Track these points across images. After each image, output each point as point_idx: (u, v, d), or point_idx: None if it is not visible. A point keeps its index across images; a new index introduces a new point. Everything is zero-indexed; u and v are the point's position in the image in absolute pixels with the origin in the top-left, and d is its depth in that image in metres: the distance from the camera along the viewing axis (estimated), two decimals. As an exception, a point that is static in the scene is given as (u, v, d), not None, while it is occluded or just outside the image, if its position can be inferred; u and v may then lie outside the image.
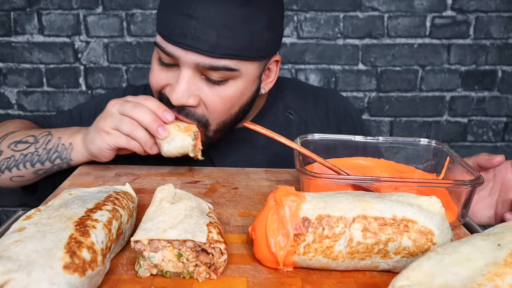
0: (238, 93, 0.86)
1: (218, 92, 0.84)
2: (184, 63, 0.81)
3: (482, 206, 0.80)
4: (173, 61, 0.83)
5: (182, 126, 0.83)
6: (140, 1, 1.69)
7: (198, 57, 0.80)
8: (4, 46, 1.73)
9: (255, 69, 0.87)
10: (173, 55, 0.81)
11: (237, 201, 0.74)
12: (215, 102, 0.85)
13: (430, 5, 1.70)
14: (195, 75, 0.83)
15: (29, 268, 0.42)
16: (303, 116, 1.08)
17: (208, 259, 0.51)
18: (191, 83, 0.83)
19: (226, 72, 0.82)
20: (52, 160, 0.88)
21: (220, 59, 0.80)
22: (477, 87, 1.79)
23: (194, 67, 0.81)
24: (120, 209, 0.57)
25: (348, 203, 0.53)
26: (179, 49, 0.80)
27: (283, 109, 1.07)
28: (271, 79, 0.96)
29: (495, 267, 0.41)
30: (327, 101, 1.12)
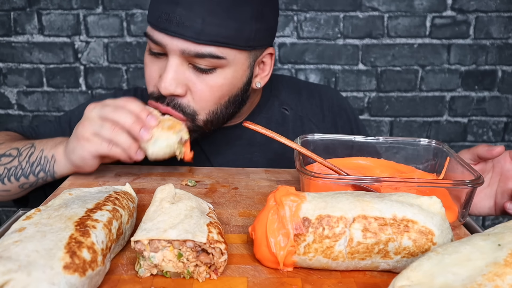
0: (227, 82, 0.86)
1: (206, 81, 0.84)
2: (171, 51, 0.81)
3: (482, 196, 0.80)
4: (161, 49, 0.83)
5: (166, 125, 0.79)
6: (140, 1, 1.69)
7: (183, 44, 0.80)
8: (4, 46, 1.73)
9: (244, 59, 0.86)
10: (160, 43, 0.81)
11: (237, 201, 0.74)
12: (202, 90, 0.84)
13: (430, 5, 1.70)
14: (182, 63, 0.83)
15: (29, 268, 0.42)
16: (298, 112, 1.08)
17: (208, 259, 0.51)
18: (179, 72, 0.83)
19: (212, 59, 0.81)
20: (35, 174, 0.84)
21: (205, 46, 0.80)
22: (477, 87, 1.79)
23: (181, 55, 0.81)
24: (120, 209, 0.57)
25: (348, 203, 0.53)
26: (165, 36, 0.80)
27: (278, 105, 1.07)
28: (266, 73, 0.95)
29: (495, 267, 0.41)
30: (322, 96, 1.12)
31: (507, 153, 0.79)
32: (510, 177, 0.77)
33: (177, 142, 0.78)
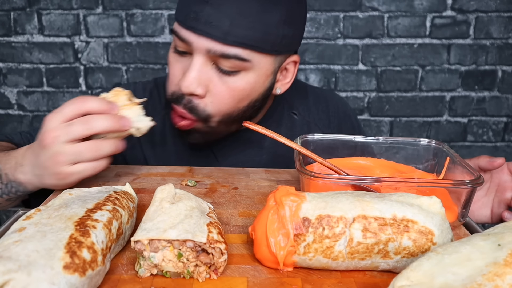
0: (249, 87, 0.85)
1: (228, 83, 0.83)
2: (196, 49, 0.80)
3: (479, 205, 0.83)
4: (186, 48, 0.83)
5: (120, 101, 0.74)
6: (140, 1, 1.69)
7: (210, 43, 0.79)
8: (4, 46, 1.73)
9: (269, 64, 0.85)
10: (186, 40, 0.81)
11: (237, 201, 0.74)
12: (223, 93, 0.83)
13: (430, 5, 1.70)
14: (206, 63, 0.82)
15: (29, 268, 0.42)
16: (306, 117, 1.09)
17: (208, 259, 0.51)
18: (202, 71, 0.82)
19: (237, 61, 0.80)
20: (13, 192, 0.78)
21: (231, 47, 0.79)
22: (477, 87, 1.79)
23: (206, 54, 0.80)
24: (120, 209, 0.57)
25: (348, 203, 0.53)
26: (192, 34, 0.79)
27: (288, 109, 1.07)
28: (288, 80, 0.94)
29: (495, 267, 0.41)
30: (328, 101, 1.13)
31: (505, 165, 0.82)
32: (507, 188, 0.80)
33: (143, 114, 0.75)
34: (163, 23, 1.71)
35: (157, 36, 1.72)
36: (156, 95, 1.03)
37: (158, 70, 1.75)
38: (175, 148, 1.00)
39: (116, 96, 0.74)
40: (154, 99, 1.02)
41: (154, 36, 1.72)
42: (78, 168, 0.70)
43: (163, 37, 1.72)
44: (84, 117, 0.68)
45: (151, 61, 1.74)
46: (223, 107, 0.85)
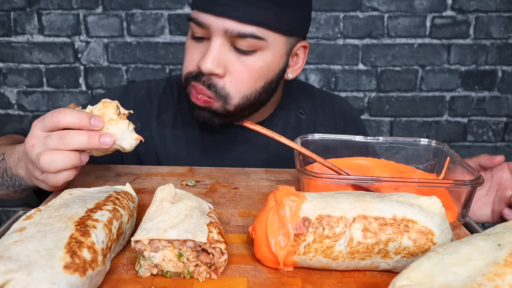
0: (265, 65, 0.89)
1: (246, 63, 0.87)
2: (214, 31, 0.85)
3: (480, 204, 0.85)
4: (204, 33, 0.87)
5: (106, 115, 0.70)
6: (140, 1, 1.69)
7: (227, 23, 0.83)
8: (4, 46, 1.73)
9: (282, 44, 0.90)
10: (205, 24, 0.85)
11: (238, 201, 0.74)
12: (241, 72, 0.88)
13: (430, 5, 1.70)
14: (224, 44, 0.86)
15: (30, 268, 0.42)
16: (312, 117, 1.11)
17: (208, 259, 0.51)
18: (221, 52, 0.86)
19: (253, 40, 0.85)
20: (17, 185, 0.81)
21: (248, 25, 0.84)
22: (477, 87, 1.79)
23: (224, 35, 0.85)
24: (120, 209, 0.57)
25: (348, 203, 0.53)
26: (210, 16, 0.84)
27: (295, 109, 1.09)
28: (299, 65, 0.98)
29: (495, 267, 0.41)
30: (334, 103, 1.15)
31: (505, 164, 0.84)
32: (508, 186, 0.82)
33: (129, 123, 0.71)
34: (163, 23, 1.71)
35: (157, 36, 1.72)
36: (169, 92, 1.07)
37: (158, 70, 1.75)
38: (187, 144, 1.02)
39: (105, 108, 0.70)
40: (167, 95, 1.06)
41: (154, 36, 1.72)
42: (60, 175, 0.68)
43: (163, 37, 1.72)
44: (62, 132, 0.66)
45: (151, 61, 1.74)
46: (243, 86, 0.89)
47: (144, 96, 1.05)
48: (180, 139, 1.03)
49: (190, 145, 1.03)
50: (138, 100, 1.04)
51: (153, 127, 1.03)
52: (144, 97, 1.05)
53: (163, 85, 1.08)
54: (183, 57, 1.67)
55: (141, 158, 1.02)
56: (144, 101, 1.05)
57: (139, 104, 1.03)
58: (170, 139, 1.03)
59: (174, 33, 1.71)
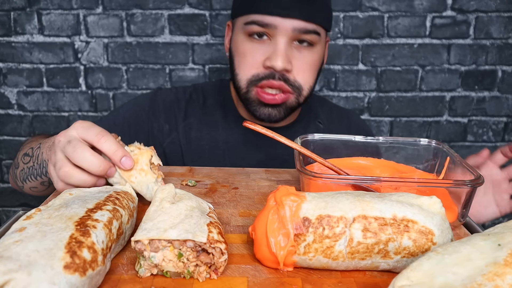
0: (318, 57, 1.03)
1: (306, 57, 1.00)
2: (281, 31, 0.96)
3: (484, 205, 0.90)
4: (268, 32, 0.97)
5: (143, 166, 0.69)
6: (140, 1, 1.69)
7: (294, 23, 0.96)
8: (4, 46, 1.73)
9: (324, 39, 1.05)
10: (271, 25, 0.96)
11: (238, 201, 0.74)
12: (304, 65, 1.00)
13: (430, 5, 1.70)
14: (289, 42, 0.98)
15: (30, 268, 0.42)
16: (330, 128, 1.19)
17: (208, 259, 0.51)
18: (288, 49, 0.98)
19: (314, 36, 0.99)
20: (44, 174, 0.85)
21: (311, 24, 0.97)
22: (477, 87, 1.79)
23: (289, 33, 0.96)
24: (120, 209, 0.57)
25: (348, 203, 0.53)
26: (277, 18, 0.95)
27: (314, 118, 1.19)
28: (326, 56, 1.13)
29: (495, 267, 0.41)
30: (350, 119, 1.25)
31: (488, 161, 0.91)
32: (500, 180, 0.89)
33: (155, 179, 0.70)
34: (163, 23, 1.71)
35: (157, 36, 1.72)
36: (195, 97, 1.17)
37: (158, 70, 1.75)
38: (210, 146, 1.10)
39: (140, 155, 0.69)
40: (194, 100, 1.16)
41: (154, 36, 1.72)
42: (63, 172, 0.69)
43: (163, 37, 1.72)
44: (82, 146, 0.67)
45: (151, 61, 1.74)
46: (308, 77, 1.02)
47: (173, 100, 1.14)
48: (204, 141, 1.11)
49: (213, 146, 1.10)
50: (167, 104, 1.14)
51: (180, 129, 1.11)
52: (172, 101, 1.14)
53: (190, 91, 1.18)
54: (183, 57, 1.66)
55: (167, 157, 1.10)
56: (173, 105, 1.14)
57: (168, 108, 1.13)
58: (195, 140, 1.11)
59: (174, 33, 1.71)
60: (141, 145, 0.72)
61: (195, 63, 1.72)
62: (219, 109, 1.15)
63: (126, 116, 1.12)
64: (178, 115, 1.13)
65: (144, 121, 1.12)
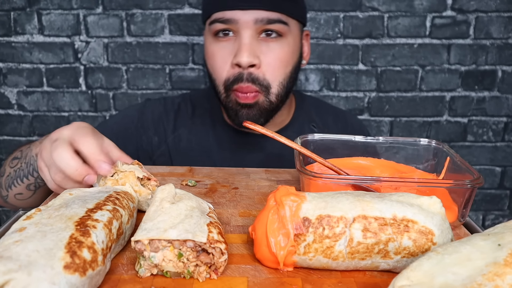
0: (290, 50, 0.98)
1: (275, 50, 0.96)
2: (243, 24, 0.93)
3: None
4: (232, 27, 0.94)
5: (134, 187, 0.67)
6: (140, 1, 1.69)
7: (256, 14, 0.92)
8: (4, 46, 1.73)
9: (297, 30, 1.00)
10: (233, 20, 0.93)
11: (238, 201, 0.74)
12: (273, 59, 0.95)
13: (430, 5, 1.70)
14: (253, 35, 0.94)
15: (30, 268, 0.42)
16: (325, 131, 1.15)
17: (208, 259, 0.51)
18: (253, 43, 0.94)
19: (280, 25, 0.94)
20: (31, 173, 0.84)
21: (274, 12, 0.93)
22: (477, 87, 1.79)
23: (253, 26, 0.93)
24: (120, 209, 0.57)
25: (348, 203, 0.53)
26: (238, 11, 0.92)
27: (308, 122, 1.15)
28: (306, 52, 1.10)
29: (495, 267, 0.41)
30: (346, 120, 1.21)
31: None
32: None
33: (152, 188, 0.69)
34: (163, 23, 1.71)
35: (157, 36, 1.72)
36: (184, 108, 1.15)
37: (158, 70, 1.75)
38: (201, 156, 1.08)
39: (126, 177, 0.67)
40: (182, 111, 1.14)
41: (154, 36, 1.72)
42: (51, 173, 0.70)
43: (163, 37, 1.72)
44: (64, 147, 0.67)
45: (151, 61, 1.74)
46: (277, 73, 0.97)
47: (161, 112, 1.13)
48: (194, 152, 1.09)
49: (204, 157, 1.08)
50: (155, 116, 1.12)
51: (169, 141, 1.09)
52: (161, 113, 1.12)
53: (178, 102, 1.15)
54: (183, 57, 1.66)
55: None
56: (162, 117, 1.12)
57: (156, 120, 1.11)
58: (185, 152, 1.09)
59: (174, 33, 1.71)
60: (122, 164, 0.68)
61: (195, 63, 1.72)
62: (208, 117, 1.13)
63: (114, 129, 1.10)
64: (167, 127, 1.11)
65: (132, 133, 1.10)
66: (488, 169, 1.82)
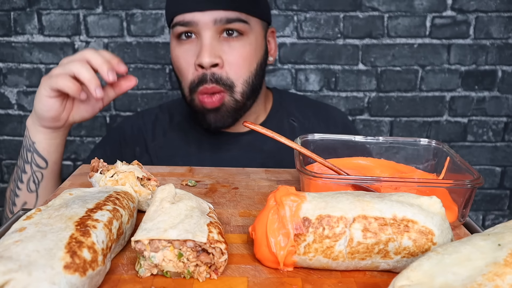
0: (253, 48, 0.99)
1: (237, 48, 0.97)
2: (203, 25, 0.94)
3: None
4: (192, 30, 0.95)
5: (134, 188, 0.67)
6: (140, 1, 1.69)
7: (215, 14, 0.93)
8: (4, 46, 1.73)
9: (260, 28, 1.02)
10: (192, 22, 0.94)
11: (238, 201, 0.74)
12: (236, 58, 0.97)
13: (430, 5, 1.70)
14: (214, 36, 0.95)
15: (30, 268, 0.42)
16: (305, 124, 1.15)
17: (208, 259, 0.51)
18: (213, 44, 0.95)
19: (240, 24, 0.95)
20: (25, 159, 0.87)
21: (233, 11, 0.94)
22: (477, 87, 1.79)
23: (212, 26, 0.94)
24: (120, 209, 0.57)
25: (348, 203, 0.53)
26: (197, 13, 0.93)
27: (287, 116, 1.15)
28: (273, 49, 1.11)
29: (495, 267, 0.41)
30: (327, 113, 1.21)
31: None
32: None
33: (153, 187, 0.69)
34: (163, 23, 1.71)
35: (157, 36, 1.72)
36: (161, 118, 1.17)
37: (158, 70, 1.75)
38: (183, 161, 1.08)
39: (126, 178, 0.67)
40: (160, 120, 1.16)
41: (154, 36, 1.72)
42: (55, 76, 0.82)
43: (163, 37, 1.72)
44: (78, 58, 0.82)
45: (151, 61, 1.74)
46: (241, 71, 0.98)
47: (140, 124, 1.15)
48: (177, 157, 1.10)
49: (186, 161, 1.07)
50: (135, 129, 1.14)
51: (150, 150, 1.11)
52: (140, 125, 1.15)
53: (156, 113, 1.18)
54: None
55: None
56: (140, 129, 1.14)
57: (136, 133, 1.13)
58: (167, 159, 1.10)
59: (174, 33, 1.71)
60: (122, 164, 0.69)
61: (195, 63, 1.72)
62: (186, 123, 1.14)
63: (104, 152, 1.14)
64: (146, 138, 1.13)
65: (117, 150, 1.13)
66: (488, 169, 1.82)
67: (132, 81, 0.86)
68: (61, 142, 0.91)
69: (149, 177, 0.69)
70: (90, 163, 0.70)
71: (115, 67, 0.81)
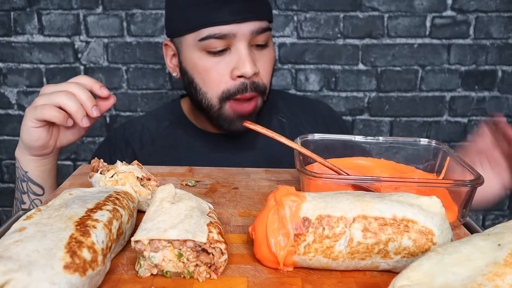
0: (274, 53, 1.04)
1: (265, 56, 1.00)
2: (240, 37, 0.94)
3: (487, 183, 0.85)
4: (227, 43, 0.95)
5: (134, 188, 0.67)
6: (140, 1, 1.69)
7: (251, 25, 0.94)
8: (4, 46, 1.73)
9: (271, 33, 1.03)
10: (230, 34, 0.94)
11: (238, 201, 0.74)
12: (266, 64, 1.00)
13: (430, 5, 1.70)
14: (248, 46, 0.96)
15: (30, 268, 0.42)
16: (294, 120, 1.16)
17: (208, 259, 0.51)
18: (251, 54, 0.97)
19: (268, 32, 0.99)
20: (21, 190, 0.89)
21: (263, 22, 0.97)
22: (477, 87, 1.79)
23: (248, 37, 0.95)
24: (120, 209, 0.57)
25: (348, 203, 0.53)
26: (235, 25, 0.93)
27: (275, 113, 1.16)
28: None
29: (495, 267, 0.41)
30: (315, 107, 1.22)
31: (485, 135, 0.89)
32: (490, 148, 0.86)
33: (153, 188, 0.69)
34: (163, 23, 1.71)
35: (157, 36, 1.72)
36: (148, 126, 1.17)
37: (158, 70, 1.75)
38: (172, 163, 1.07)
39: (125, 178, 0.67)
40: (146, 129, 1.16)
41: (154, 36, 1.72)
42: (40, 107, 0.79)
43: (163, 37, 1.72)
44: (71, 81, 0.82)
45: (151, 61, 1.74)
46: (269, 75, 1.02)
47: (127, 135, 1.15)
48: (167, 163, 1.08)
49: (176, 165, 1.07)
50: (123, 139, 1.14)
51: (140, 160, 1.10)
52: (127, 136, 1.15)
53: (142, 122, 1.18)
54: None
55: None
56: (128, 139, 1.14)
57: (124, 143, 1.13)
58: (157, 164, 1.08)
59: (174, 33, 1.71)
60: (122, 164, 0.69)
61: (195, 63, 1.72)
62: (175, 128, 1.14)
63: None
64: (134, 146, 1.13)
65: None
66: (488, 169, 1.82)
67: (111, 100, 0.86)
68: (53, 166, 0.91)
69: (149, 177, 0.69)
70: (90, 163, 0.71)
71: (97, 92, 0.83)
